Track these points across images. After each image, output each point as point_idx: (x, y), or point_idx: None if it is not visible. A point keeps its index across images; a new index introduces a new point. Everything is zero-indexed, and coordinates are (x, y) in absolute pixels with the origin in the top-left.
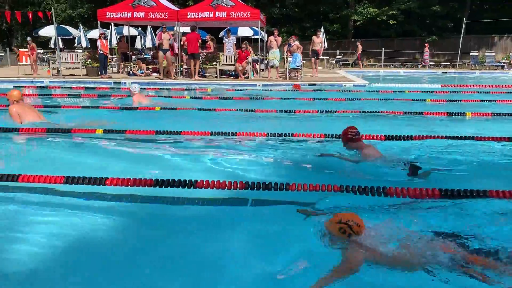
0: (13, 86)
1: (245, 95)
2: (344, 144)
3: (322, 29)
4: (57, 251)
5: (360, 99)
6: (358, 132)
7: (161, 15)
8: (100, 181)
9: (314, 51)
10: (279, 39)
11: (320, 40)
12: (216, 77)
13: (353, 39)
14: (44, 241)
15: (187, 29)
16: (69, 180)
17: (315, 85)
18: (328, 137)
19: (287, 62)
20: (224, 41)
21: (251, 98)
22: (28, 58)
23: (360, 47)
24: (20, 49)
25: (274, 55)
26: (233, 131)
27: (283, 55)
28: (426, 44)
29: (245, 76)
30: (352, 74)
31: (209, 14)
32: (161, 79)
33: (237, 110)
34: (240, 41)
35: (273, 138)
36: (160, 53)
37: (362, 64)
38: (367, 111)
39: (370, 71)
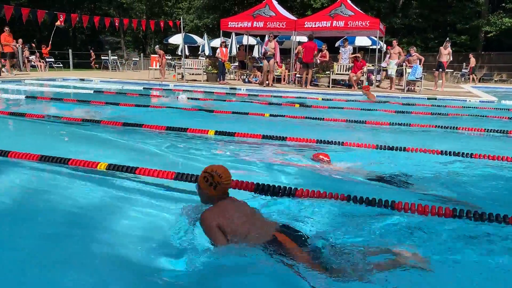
0: (143, 88)
1: (357, 106)
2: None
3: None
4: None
5: (485, 116)
6: None
7: (279, 25)
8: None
9: (439, 63)
10: (399, 49)
11: (448, 52)
12: (329, 86)
13: (482, 52)
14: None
15: (302, 39)
16: (178, 176)
17: (435, 99)
18: (443, 154)
19: (405, 74)
20: (340, 51)
21: (363, 109)
22: (157, 64)
23: (472, 60)
24: (152, 55)
25: (391, 65)
26: (340, 141)
27: (401, 66)
28: None
29: (358, 87)
30: (479, 90)
31: (326, 24)
32: (263, 86)
33: (347, 121)
34: (356, 50)
35: (383, 151)
36: (265, 61)
37: (477, 78)
38: (493, 130)
39: (501, 87)
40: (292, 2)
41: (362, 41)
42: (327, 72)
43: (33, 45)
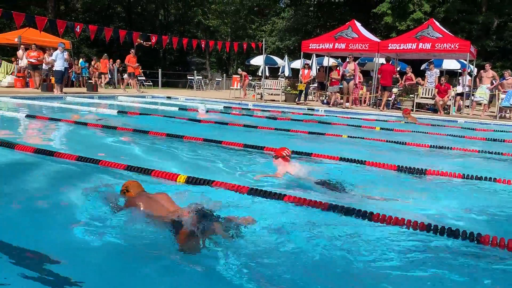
0: (223, 107)
1: (443, 131)
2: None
3: None
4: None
5: None
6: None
7: (361, 46)
8: (279, 196)
9: None
10: (493, 73)
11: None
12: (412, 110)
13: None
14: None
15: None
16: (252, 191)
17: None
18: None
19: (498, 100)
20: (426, 74)
21: (449, 135)
22: (238, 84)
23: None
24: (234, 76)
25: (482, 90)
26: (423, 168)
27: (494, 92)
28: None
29: (445, 112)
30: None
31: (411, 46)
32: (343, 107)
33: (431, 146)
34: (443, 74)
35: (470, 181)
36: (344, 83)
37: None
38: None
39: None
40: (376, 24)
41: (450, 64)
42: (411, 96)
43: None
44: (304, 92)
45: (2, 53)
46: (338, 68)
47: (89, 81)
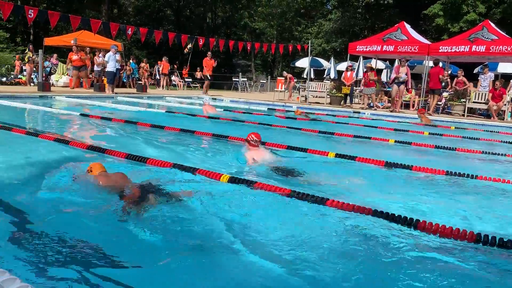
0: (267, 108)
1: (497, 138)
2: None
3: None
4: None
5: None
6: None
7: (410, 49)
8: (321, 201)
9: None
10: None
11: None
12: (463, 115)
13: None
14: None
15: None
16: (294, 194)
17: None
18: None
19: None
20: (479, 78)
21: (503, 141)
22: (283, 86)
23: None
24: (278, 78)
25: None
26: (472, 174)
27: None
28: None
29: (499, 117)
30: None
31: (464, 48)
32: (391, 111)
33: (483, 152)
34: (499, 78)
35: None
36: (395, 86)
37: None
38: None
39: None
40: (427, 26)
41: (506, 67)
42: (462, 100)
43: (175, 66)
44: (349, 94)
45: (59, 55)
46: (373, 70)
47: (139, 82)
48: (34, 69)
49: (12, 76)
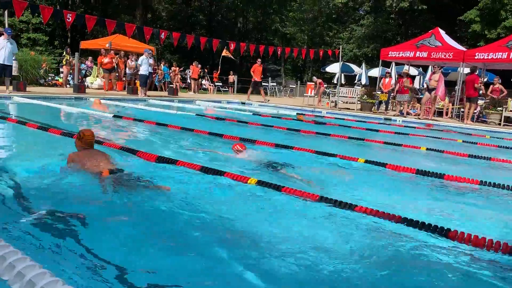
0: (296, 113)
1: None
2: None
3: None
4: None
5: None
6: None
7: (445, 55)
8: (350, 206)
9: None
10: None
11: None
12: (500, 124)
13: None
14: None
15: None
16: (322, 199)
17: None
18: None
19: None
20: None
21: None
22: (312, 91)
23: None
24: (308, 83)
25: None
26: (508, 185)
27: None
28: None
29: None
30: None
31: (502, 55)
32: (422, 118)
33: None
34: None
35: None
36: (427, 93)
37: None
38: None
39: None
40: (462, 33)
41: None
42: (498, 109)
43: (206, 70)
44: (385, 101)
45: (94, 58)
46: (409, 77)
47: (170, 85)
48: (70, 71)
49: (50, 78)
